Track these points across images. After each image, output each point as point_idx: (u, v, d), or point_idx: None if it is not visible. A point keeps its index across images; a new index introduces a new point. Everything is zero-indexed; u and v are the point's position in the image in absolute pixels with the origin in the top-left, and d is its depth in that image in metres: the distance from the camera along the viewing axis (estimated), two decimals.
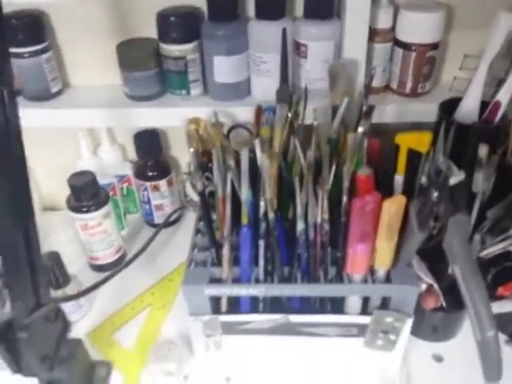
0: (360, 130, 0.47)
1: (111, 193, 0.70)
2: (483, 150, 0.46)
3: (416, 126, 0.60)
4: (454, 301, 0.51)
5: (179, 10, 0.58)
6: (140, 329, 0.59)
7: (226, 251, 0.46)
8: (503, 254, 0.55)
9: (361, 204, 0.41)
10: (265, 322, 0.49)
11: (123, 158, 0.74)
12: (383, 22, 0.58)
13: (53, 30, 0.62)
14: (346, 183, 0.43)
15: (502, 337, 0.57)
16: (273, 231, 0.44)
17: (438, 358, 0.56)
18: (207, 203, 0.47)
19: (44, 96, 0.62)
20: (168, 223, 0.71)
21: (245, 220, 0.44)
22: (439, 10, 0.57)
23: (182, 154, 0.76)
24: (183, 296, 0.48)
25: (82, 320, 0.61)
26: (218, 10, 0.57)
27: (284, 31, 0.53)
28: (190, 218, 0.74)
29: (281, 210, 0.48)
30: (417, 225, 0.43)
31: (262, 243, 0.45)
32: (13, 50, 0.58)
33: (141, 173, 0.70)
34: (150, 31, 0.60)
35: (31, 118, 0.62)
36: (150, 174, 0.70)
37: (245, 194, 0.42)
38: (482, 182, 0.48)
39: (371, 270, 0.47)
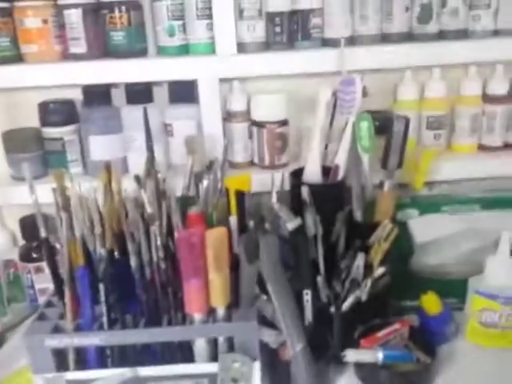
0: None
1: None
2: (305, 191, 0.51)
3: None
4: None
5: (57, 100, 0.67)
6: None
7: (67, 298, 0.47)
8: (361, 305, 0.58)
9: (185, 236, 0.45)
10: (113, 378, 0.48)
11: (13, 243, 0.75)
12: (237, 105, 0.67)
13: None
14: (174, 219, 0.46)
15: None
16: (106, 271, 0.45)
17: None
18: (52, 250, 0.48)
19: None
20: None
21: (80, 261, 0.46)
22: (280, 93, 0.67)
23: None
24: (26, 351, 0.47)
25: None
26: (92, 97, 0.66)
27: (145, 109, 0.61)
28: None
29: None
30: (245, 258, 0.47)
31: (102, 286, 0.47)
32: None
33: (25, 255, 0.71)
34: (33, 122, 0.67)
35: None
36: (34, 255, 0.71)
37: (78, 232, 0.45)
38: (311, 222, 0.52)
39: (212, 311, 0.48)
